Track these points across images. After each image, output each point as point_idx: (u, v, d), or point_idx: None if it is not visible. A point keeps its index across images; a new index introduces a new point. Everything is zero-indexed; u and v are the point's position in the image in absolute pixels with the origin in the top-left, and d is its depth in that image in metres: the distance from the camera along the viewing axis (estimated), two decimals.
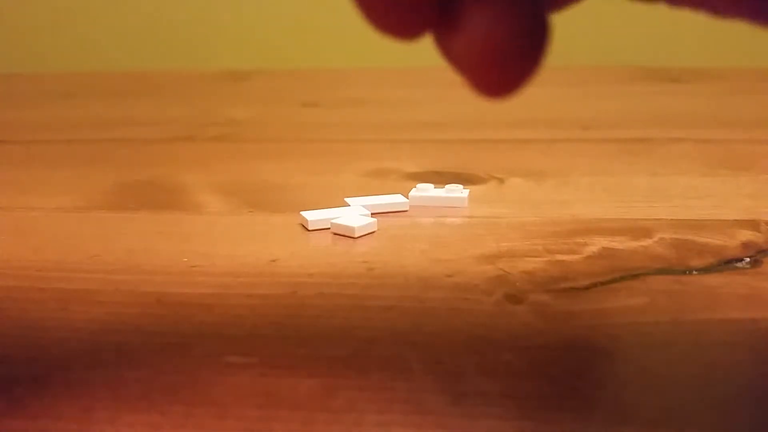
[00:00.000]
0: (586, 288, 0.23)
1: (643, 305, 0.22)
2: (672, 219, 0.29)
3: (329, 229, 0.29)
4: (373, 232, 0.29)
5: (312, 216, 0.29)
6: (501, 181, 0.36)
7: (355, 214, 0.30)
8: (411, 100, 0.59)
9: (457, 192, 0.32)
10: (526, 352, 0.20)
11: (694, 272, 0.24)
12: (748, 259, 0.25)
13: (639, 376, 0.18)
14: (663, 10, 0.19)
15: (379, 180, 0.36)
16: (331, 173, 0.38)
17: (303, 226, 0.29)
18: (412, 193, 0.32)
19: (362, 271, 0.25)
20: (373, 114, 0.55)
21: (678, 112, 0.53)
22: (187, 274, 0.25)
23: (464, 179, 0.35)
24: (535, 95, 0.62)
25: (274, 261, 0.26)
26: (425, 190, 0.32)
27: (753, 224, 0.29)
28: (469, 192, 0.32)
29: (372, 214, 0.30)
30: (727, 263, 0.25)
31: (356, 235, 0.28)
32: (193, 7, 0.84)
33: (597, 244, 0.27)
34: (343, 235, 0.28)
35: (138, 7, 0.84)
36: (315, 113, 0.56)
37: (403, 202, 0.31)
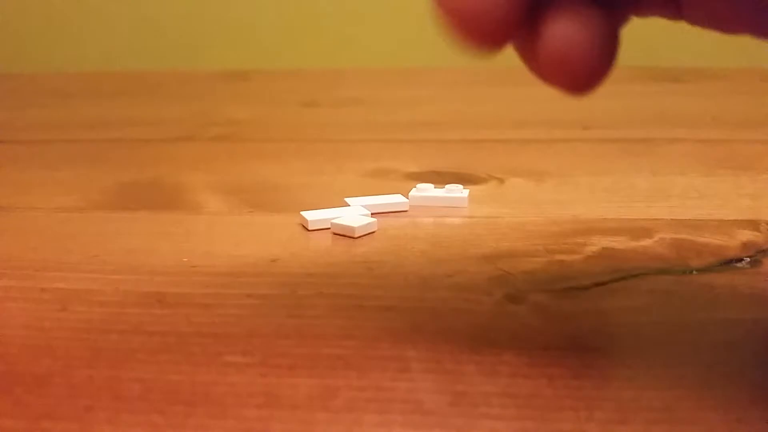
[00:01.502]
0: (586, 288, 0.23)
1: (643, 305, 0.22)
2: (672, 219, 0.29)
3: (329, 229, 0.29)
4: (373, 232, 0.29)
5: (312, 216, 0.29)
6: (501, 181, 0.36)
7: (355, 214, 0.30)
8: (411, 100, 0.59)
9: (457, 192, 0.32)
10: (526, 352, 0.20)
11: (694, 272, 0.24)
12: (748, 259, 0.25)
13: (639, 376, 0.18)
14: None
15: (379, 180, 0.36)
16: (331, 173, 0.38)
17: (303, 226, 0.29)
18: (412, 193, 0.32)
19: (362, 271, 0.25)
20: (373, 114, 0.55)
21: (678, 112, 0.53)
22: (187, 274, 0.25)
23: (464, 179, 0.35)
24: (535, 95, 0.62)
25: (274, 261, 0.26)
26: (425, 190, 0.32)
27: (753, 224, 0.29)
28: (469, 192, 0.32)
29: (372, 214, 0.30)
30: (727, 263, 0.25)
31: (356, 235, 0.28)
32: (192, 7, 0.84)
33: (597, 244, 0.27)
34: (343, 235, 0.28)
35: (138, 7, 0.84)
36: (315, 113, 0.56)
37: (403, 202, 0.31)
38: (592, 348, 0.20)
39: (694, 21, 0.19)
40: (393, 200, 0.31)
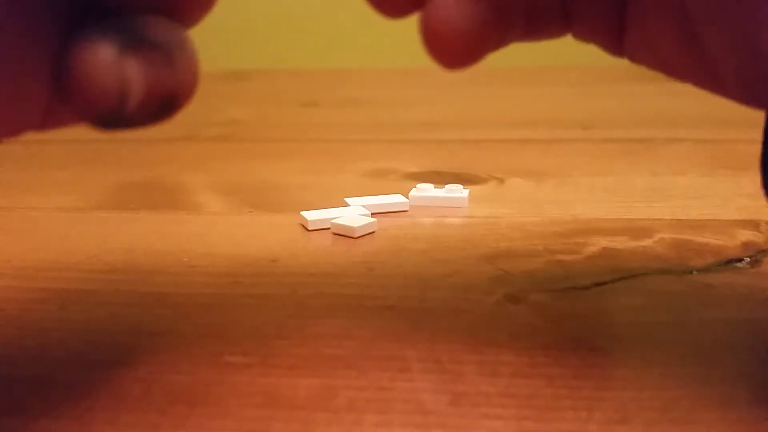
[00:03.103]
0: (586, 288, 0.23)
1: (643, 305, 0.22)
2: (672, 219, 0.29)
3: (329, 229, 0.29)
4: (373, 232, 0.29)
5: (312, 216, 0.29)
6: (501, 181, 0.36)
7: (355, 214, 0.30)
8: (411, 100, 0.59)
9: (457, 192, 0.32)
10: (526, 352, 0.20)
11: (694, 272, 0.24)
12: (748, 259, 0.25)
13: (639, 376, 0.18)
14: None
15: (379, 180, 0.36)
16: (331, 173, 0.38)
17: (303, 226, 0.29)
18: (412, 193, 0.32)
19: (362, 271, 0.25)
20: (373, 114, 0.55)
21: (678, 112, 0.53)
22: (187, 274, 0.25)
23: (464, 179, 0.35)
24: (535, 95, 0.61)
25: (274, 261, 0.26)
26: (425, 190, 0.32)
27: (753, 224, 0.29)
28: (469, 192, 0.32)
29: (372, 214, 0.30)
30: (727, 263, 0.25)
31: (356, 235, 0.28)
32: None
33: (597, 244, 0.27)
34: (343, 235, 0.28)
35: None
36: (315, 113, 0.56)
37: (403, 202, 0.31)
38: (592, 348, 0.20)
39: (635, 58, 0.19)
40: (393, 200, 0.31)
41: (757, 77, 0.16)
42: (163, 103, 0.16)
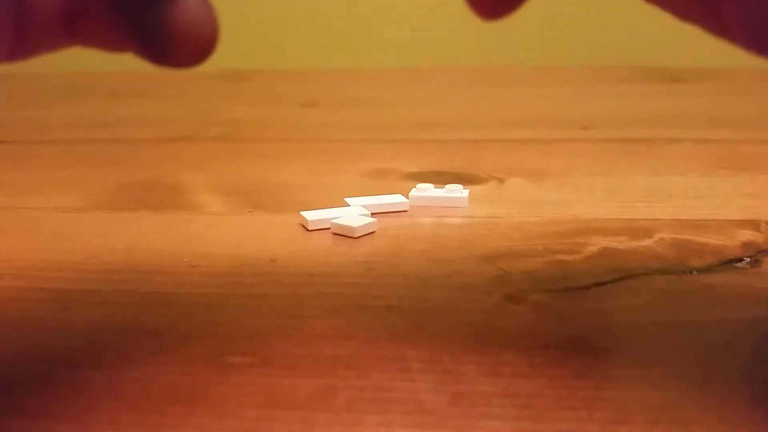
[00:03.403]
0: (586, 288, 0.23)
1: (643, 305, 0.22)
2: (672, 219, 0.29)
3: (329, 229, 0.29)
4: (373, 232, 0.29)
5: (312, 216, 0.29)
6: (501, 181, 0.36)
7: (355, 214, 0.30)
8: (411, 100, 0.59)
9: (457, 192, 0.32)
10: (526, 352, 0.20)
11: (694, 272, 0.25)
12: (748, 259, 0.25)
13: (639, 376, 0.18)
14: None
15: (379, 180, 0.36)
16: (331, 173, 0.38)
17: (303, 226, 0.29)
18: (412, 193, 0.32)
19: (362, 271, 0.25)
20: (373, 114, 0.55)
21: (678, 112, 0.53)
22: (187, 274, 0.25)
23: (464, 179, 0.35)
24: (535, 95, 0.61)
25: (274, 261, 0.26)
26: (425, 190, 0.32)
27: (753, 224, 0.29)
28: (469, 192, 0.32)
29: (372, 214, 0.30)
30: (727, 263, 0.25)
31: (356, 235, 0.28)
32: None
33: (597, 244, 0.27)
34: (343, 235, 0.28)
35: None
36: (315, 113, 0.56)
37: (403, 202, 0.31)
38: (592, 348, 0.20)
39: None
40: (393, 200, 0.31)
41: (764, 28, 0.16)
42: None
